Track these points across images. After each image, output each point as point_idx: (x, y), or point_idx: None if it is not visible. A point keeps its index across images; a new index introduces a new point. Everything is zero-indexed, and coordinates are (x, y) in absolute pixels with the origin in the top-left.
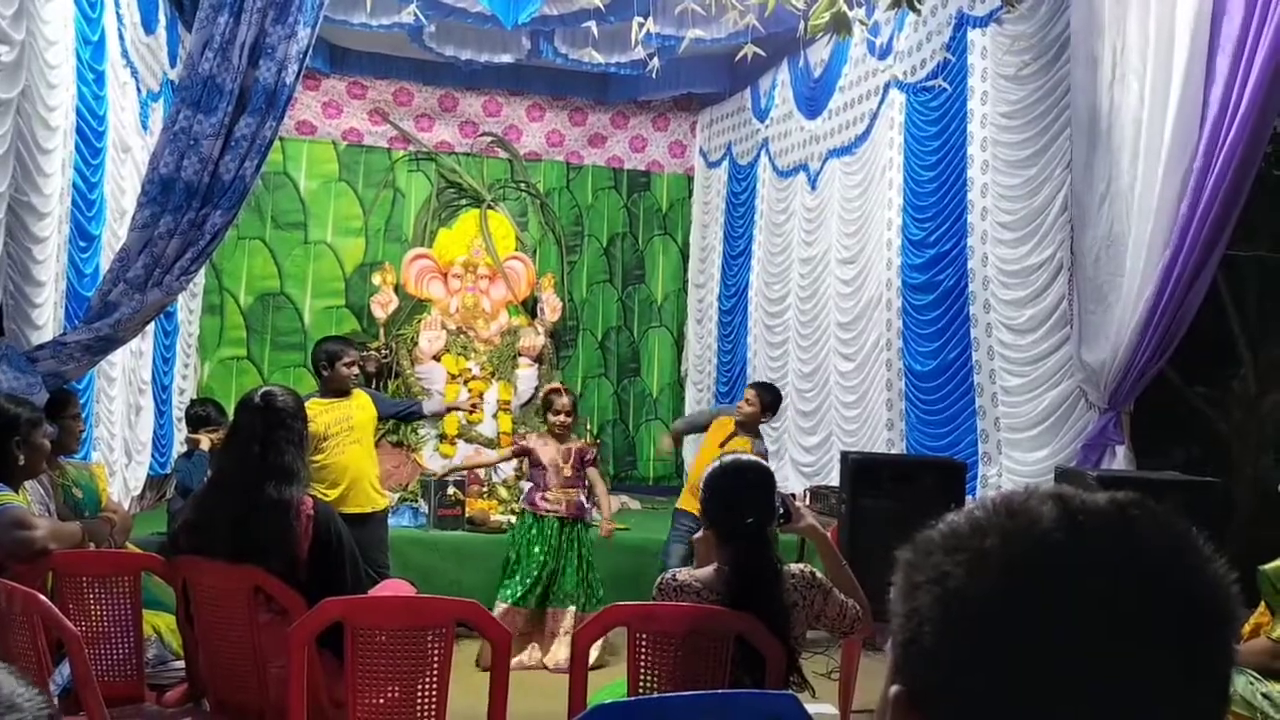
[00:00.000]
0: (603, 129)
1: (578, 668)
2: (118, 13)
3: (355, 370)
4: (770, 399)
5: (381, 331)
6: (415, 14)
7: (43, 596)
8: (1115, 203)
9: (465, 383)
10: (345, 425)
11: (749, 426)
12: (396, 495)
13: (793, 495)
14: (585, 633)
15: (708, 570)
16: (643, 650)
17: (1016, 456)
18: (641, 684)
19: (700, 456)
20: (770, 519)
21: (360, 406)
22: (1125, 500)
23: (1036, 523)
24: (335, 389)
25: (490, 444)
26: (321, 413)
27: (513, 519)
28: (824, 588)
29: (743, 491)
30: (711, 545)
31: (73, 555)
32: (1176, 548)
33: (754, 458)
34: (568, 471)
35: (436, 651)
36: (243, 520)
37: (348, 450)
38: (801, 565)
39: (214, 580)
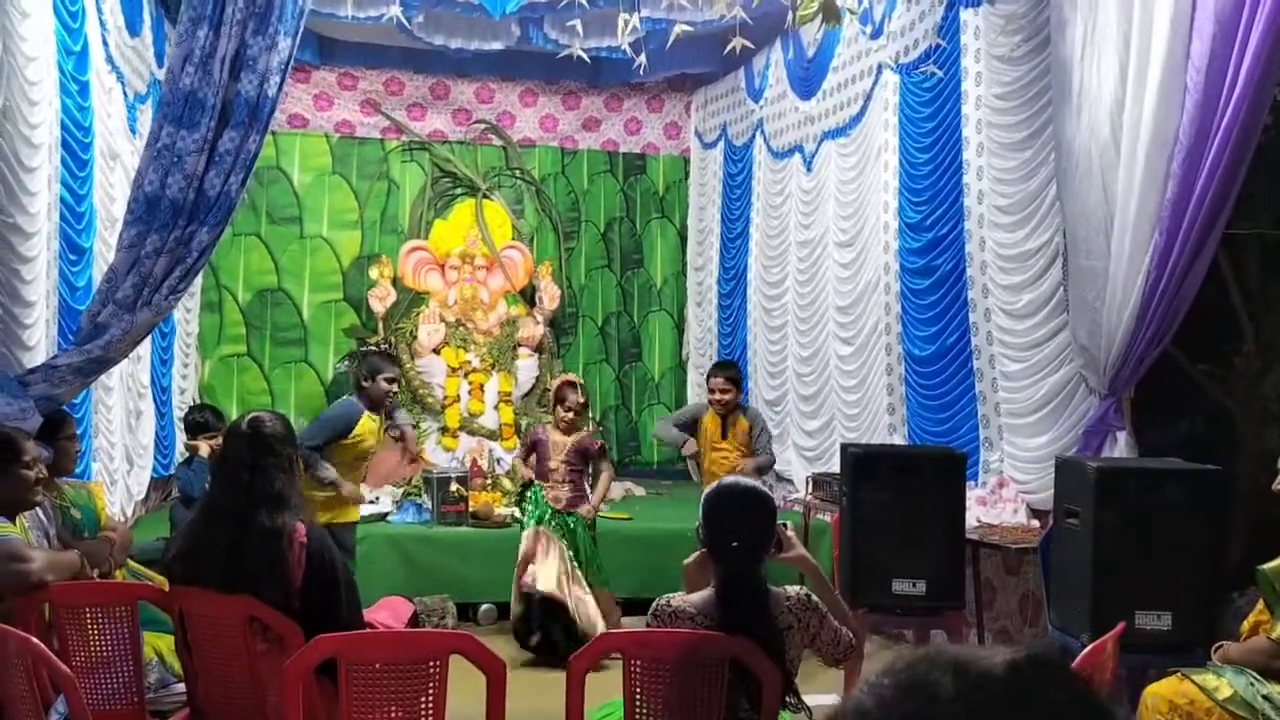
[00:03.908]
0: (596, 112)
1: (574, 695)
2: (100, 19)
3: (396, 388)
4: (739, 375)
5: (380, 325)
6: (398, 17)
7: (36, 639)
8: (1094, 182)
9: (465, 375)
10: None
11: (730, 408)
12: (401, 491)
13: (784, 524)
14: (580, 661)
15: (701, 595)
16: (638, 677)
17: (1018, 442)
18: (638, 712)
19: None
20: (767, 543)
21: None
22: (1021, 663)
23: (935, 700)
24: (374, 404)
25: (492, 435)
26: (373, 434)
27: (517, 511)
28: (820, 612)
29: (735, 514)
30: (703, 568)
31: (70, 587)
32: (1072, 706)
33: (753, 481)
34: (560, 465)
35: (431, 684)
36: (235, 549)
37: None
38: (798, 588)
39: (209, 610)
